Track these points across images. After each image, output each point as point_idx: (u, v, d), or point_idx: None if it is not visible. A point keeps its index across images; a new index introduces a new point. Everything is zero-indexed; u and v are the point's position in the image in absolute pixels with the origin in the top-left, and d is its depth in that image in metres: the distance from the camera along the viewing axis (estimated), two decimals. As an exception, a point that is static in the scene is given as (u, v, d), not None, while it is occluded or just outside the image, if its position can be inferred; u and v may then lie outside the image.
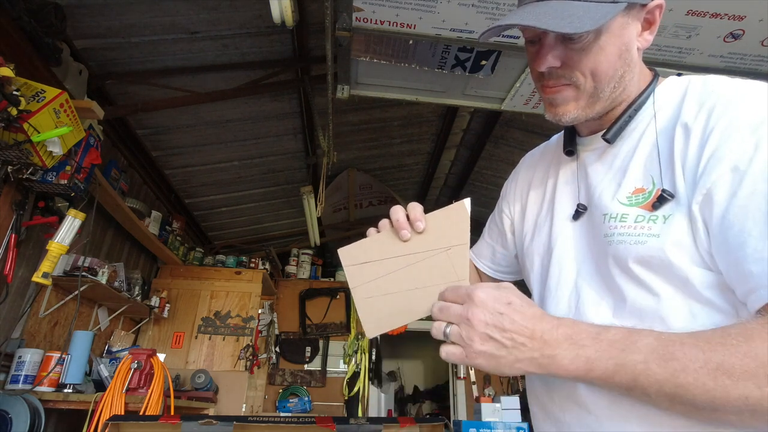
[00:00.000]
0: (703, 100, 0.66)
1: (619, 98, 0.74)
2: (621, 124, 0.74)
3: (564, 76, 0.71)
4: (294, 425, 1.16)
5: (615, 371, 0.55)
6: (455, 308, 0.61)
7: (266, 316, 4.91)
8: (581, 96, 0.72)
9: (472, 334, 0.59)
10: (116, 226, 3.38)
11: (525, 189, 0.95)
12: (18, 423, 2.00)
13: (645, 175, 0.69)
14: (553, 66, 0.70)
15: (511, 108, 2.72)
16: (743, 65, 2.23)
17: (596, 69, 0.69)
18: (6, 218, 2.20)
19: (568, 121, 0.74)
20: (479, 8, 1.94)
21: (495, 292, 0.60)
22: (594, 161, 0.79)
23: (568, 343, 0.57)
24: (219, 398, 3.85)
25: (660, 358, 0.53)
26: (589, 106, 0.73)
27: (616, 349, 0.55)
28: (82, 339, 2.55)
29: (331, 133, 3.00)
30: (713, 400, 0.51)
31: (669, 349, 0.53)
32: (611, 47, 0.69)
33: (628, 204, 0.69)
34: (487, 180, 4.87)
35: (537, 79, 0.76)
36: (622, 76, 0.71)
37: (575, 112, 0.73)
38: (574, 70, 0.70)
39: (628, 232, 0.67)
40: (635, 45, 0.72)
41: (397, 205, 0.74)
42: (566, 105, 0.73)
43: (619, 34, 0.69)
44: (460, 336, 0.60)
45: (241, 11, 2.51)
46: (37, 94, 1.96)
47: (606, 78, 0.70)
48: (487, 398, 3.92)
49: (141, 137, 3.35)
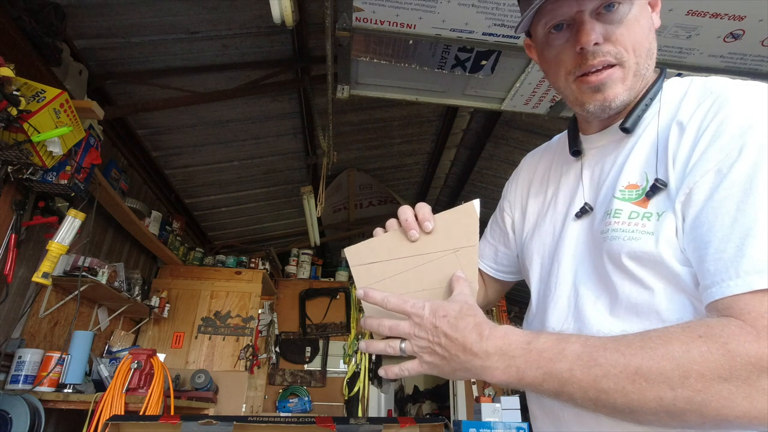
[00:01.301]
0: (701, 99, 0.66)
1: (639, 85, 0.72)
2: (639, 113, 0.72)
3: (609, 53, 0.68)
4: (294, 425, 1.16)
5: (543, 379, 0.57)
6: (403, 325, 0.65)
7: (266, 316, 4.91)
8: (627, 75, 0.70)
9: (418, 348, 0.63)
10: (116, 226, 3.38)
11: (526, 188, 0.95)
12: (18, 423, 2.00)
13: (640, 172, 0.69)
14: (598, 42, 0.68)
15: (511, 108, 2.72)
16: (743, 65, 2.23)
17: (637, 43, 0.69)
18: (6, 218, 2.20)
19: (618, 106, 0.71)
20: (479, 8, 1.94)
21: (432, 306, 0.63)
22: (600, 159, 0.78)
23: (499, 355, 0.60)
24: (219, 398, 3.85)
25: (584, 365, 0.55)
26: (633, 86, 0.71)
27: (544, 359, 0.57)
28: (82, 339, 2.55)
29: (331, 133, 3.00)
30: (631, 402, 0.53)
31: (593, 355, 0.55)
32: (644, 20, 0.69)
33: (621, 198, 0.69)
34: (487, 180, 4.87)
35: (572, 69, 0.71)
36: (653, 52, 0.71)
37: (624, 94, 0.70)
38: (617, 45, 0.68)
39: (622, 228, 0.67)
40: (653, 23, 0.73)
41: (405, 205, 0.73)
42: (615, 87, 0.70)
43: (645, 7, 0.70)
44: (412, 350, 0.64)
45: (241, 11, 2.51)
46: (37, 94, 1.96)
47: (645, 52, 0.70)
48: (487, 398, 3.92)
49: (141, 137, 3.35)
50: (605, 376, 0.54)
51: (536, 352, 0.58)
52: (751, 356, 0.49)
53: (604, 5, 0.68)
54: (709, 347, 0.51)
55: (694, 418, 0.51)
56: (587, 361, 0.55)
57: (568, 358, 0.56)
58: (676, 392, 0.51)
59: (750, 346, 0.49)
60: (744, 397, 0.49)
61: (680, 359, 0.51)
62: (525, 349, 0.59)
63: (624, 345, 0.54)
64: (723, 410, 0.49)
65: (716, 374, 0.50)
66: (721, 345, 0.50)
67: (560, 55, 0.73)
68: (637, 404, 0.52)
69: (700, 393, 0.50)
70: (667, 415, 0.52)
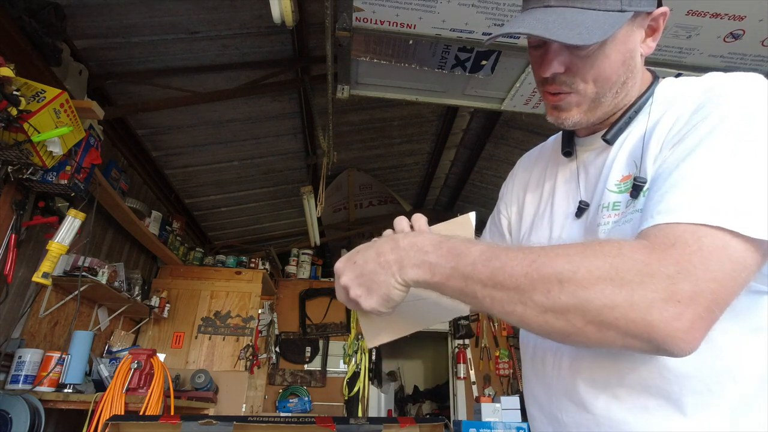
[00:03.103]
0: (694, 90, 0.68)
1: (621, 103, 0.75)
2: (621, 126, 0.75)
3: (566, 83, 0.72)
4: (294, 425, 1.16)
5: (450, 275, 0.60)
6: (336, 287, 0.71)
7: (266, 316, 4.91)
8: (583, 102, 0.73)
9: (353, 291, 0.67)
10: (116, 226, 3.38)
11: (522, 189, 0.95)
12: (18, 423, 2.00)
13: (629, 164, 0.71)
14: (558, 72, 0.71)
15: (511, 108, 2.72)
16: (743, 65, 2.23)
17: (599, 76, 0.71)
18: (6, 218, 2.20)
19: (570, 126, 0.76)
20: (479, 8, 1.95)
21: (345, 255, 0.70)
22: (594, 159, 0.80)
23: (414, 250, 0.63)
24: (219, 398, 3.85)
25: (486, 259, 0.58)
26: (591, 111, 0.74)
27: (452, 254, 0.60)
28: (82, 339, 2.55)
29: (331, 133, 3.00)
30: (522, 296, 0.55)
31: (496, 251, 0.59)
32: (616, 55, 0.70)
33: (617, 191, 0.71)
34: (487, 180, 4.87)
35: (540, 83, 0.77)
36: (624, 82, 0.73)
37: (577, 116, 0.74)
38: (576, 77, 0.71)
39: (624, 219, 0.68)
40: (639, 52, 0.73)
41: (401, 216, 0.74)
42: (569, 110, 0.74)
43: (624, 42, 0.70)
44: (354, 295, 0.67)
45: (241, 11, 2.51)
46: (37, 94, 1.96)
47: (608, 84, 0.72)
48: (487, 398, 3.93)
49: (141, 137, 3.35)
50: (502, 269, 0.56)
51: (446, 248, 0.61)
52: (638, 261, 0.52)
53: None
54: (604, 250, 0.54)
55: (576, 318, 0.53)
56: (489, 255, 0.58)
57: (473, 254, 0.59)
58: (563, 286, 0.53)
59: (640, 254, 0.53)
60: (625, 298, 0.51)
61: (574, 257, 0.54)
62: (437, 246, 0.62)
63: (530, 247, 0.58)
64: (604, 309, 0.51)
65: (604, 274, 0.52)
66: (616, 250, 0.54)
67: (534, 67, 0.77)
68: (528, 298, 0.55)
69: (586, 289, 0.52)
70: (553, 315, 0.54)
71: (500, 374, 5.21)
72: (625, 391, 0.64)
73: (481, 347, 5.35)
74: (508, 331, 5.41)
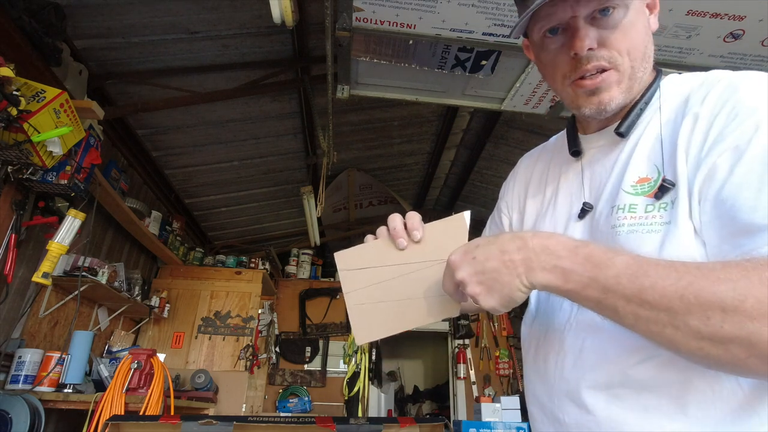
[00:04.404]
0: (709, 88, 0.67)
1: (634, 89, 0.73)
2: (633, 117, 0.73)
3: (603, 57, 0.69)
4: (294, 425, 1.16)
5: (587, 284, 0.55)
6: (447, 280, 0.65)
7: (266, 316, 4.91)
8: (623, 78, 0.70)
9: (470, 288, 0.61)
10: (116, 226, 3.38)
11: (523, 189, 0.95)
12: (18, 423, 2.00)
13: (649, 165, 0.69)
14: (592, 47, 0.68)
15: (511, 108, 2.72)
16: (743, 65, 2.23)
17: (632, 47, 0.69)
18: (6, 218, 2.20)
19: (614, 108, 0.72)
20: (479, 8, 1.95)
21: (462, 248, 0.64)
22: (600, 158, 0.78)
23: (546, 254, 0.58)
24: (219, 398, 3.85)
25: (633, 274, 0.53)
26: (629, 88, 0.71)
27: (591, 263, 0.55)
28: (82, 339, 2.55)
29: (331, 133, 3.00)
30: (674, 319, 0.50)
31: (643, 266, 0.53)
32: (639, 23, 0.70)
33: (634, 193, 0.69)
34: (487, 180, 4.87)
35: (568, 73, 0.72)
36: (649, 55, 0.72)
37: (620, 96, 0.71)
38: (612, 50, 0.69)
39: (639, 222, 0.66)
40: None
41: (395, 213, 0.73)
42: (610, 90, 0.70)
43: (642, 10, 0.70)
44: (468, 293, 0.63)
45: (241, 11, 2.51)
46: (37, 94, 1.96)
47: (640, 55, 0.70)
48: (487, 398, 3.92)
49: (141, 137, 3.35)
50: (652, 288, 0.51)
51: (583, 255, 0.56)
52: None
53: (599, 10, 0.68)
54: None
55: (740, 350, 0.48)
56: (636, 270, 0.53)
57: (617, 266, 0.54)
58: (726, 315, 0.47)
59: None
60: None
61: (738, 282, 0.48)
62: (572, 251, 0.57)
63: (679, 264, 0.52)
64: None
65: None
66: None
67: (556, 58, 0.73)
68: (682, 322, 0.49)
69: (755, 320, 0.46)
70: (711, 343, 0.49)
71: (500, 374, 5.21)
72: (627, 392, 0.64)
73: (481, 347, 5.36)
74: (508, 331, 5.41)
